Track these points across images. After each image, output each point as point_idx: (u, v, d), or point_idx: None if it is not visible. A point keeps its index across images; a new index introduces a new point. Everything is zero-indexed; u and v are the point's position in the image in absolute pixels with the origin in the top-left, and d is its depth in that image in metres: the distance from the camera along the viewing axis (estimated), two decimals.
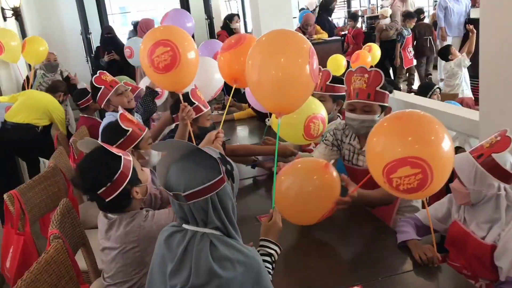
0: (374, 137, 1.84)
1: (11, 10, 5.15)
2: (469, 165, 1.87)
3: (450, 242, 2.04)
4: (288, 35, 2.03)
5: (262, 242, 1.72)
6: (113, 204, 1.83)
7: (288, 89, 1.95)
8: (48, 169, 3.05)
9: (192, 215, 1.43)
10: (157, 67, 2.47)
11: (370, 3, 10.48)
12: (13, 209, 2.64)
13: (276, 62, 1.93)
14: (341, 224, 2.28)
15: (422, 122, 1.77)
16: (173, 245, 1.47)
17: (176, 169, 1.43)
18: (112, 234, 1.86)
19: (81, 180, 1.81)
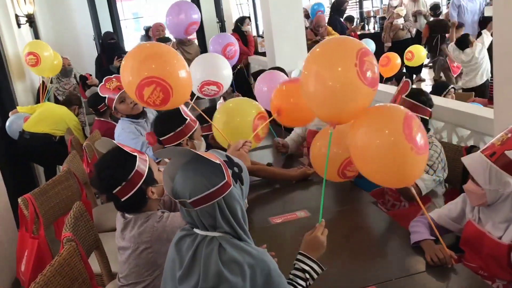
0: None
1: (25, 17, 5.21)
2: (483, 165, 1.83)
3: (465, 243, 2.01)
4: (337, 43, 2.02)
5: (298, 256, 1.66)
6: (129, 204, 1.84)
7: (342, 99, 1.89)
8: (61, 173, 3.07)
9: (200, 220, 1.42)
10: (156, 105, 2.46)
11: (382, 4, 10.42)
12: (27, 213, 2.66)
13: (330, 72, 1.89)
14: (353, 225, 2.27)
15: None
16: (183, 249, 1.47)
17: (181, 176, 1.43)
18: (126, 234, 1.87)
19: (98, 179, 1.82)
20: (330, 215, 2.38)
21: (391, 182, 1.99)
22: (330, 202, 2.58)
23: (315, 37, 7.54)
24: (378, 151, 1.82)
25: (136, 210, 1.88)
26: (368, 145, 1.85)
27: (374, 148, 1.83)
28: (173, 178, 1.46)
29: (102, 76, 5.97)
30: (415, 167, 1.84)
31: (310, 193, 2.70)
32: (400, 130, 1.78)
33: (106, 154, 1.88)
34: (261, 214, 2.42)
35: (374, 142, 1.84)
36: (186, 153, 1.45)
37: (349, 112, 1.92)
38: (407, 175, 1.85)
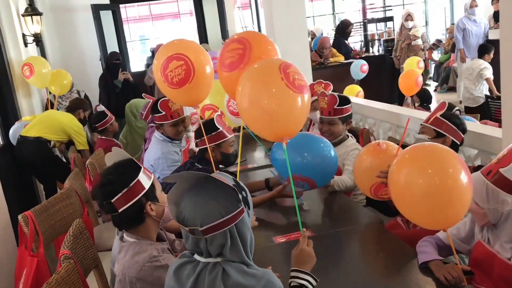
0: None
1: (32, 36, 5.25)
2: (480, 184, 1.79)
3: (475, 264, 1.94)
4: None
5: (292, 273, 1.62)
6: (125, 217, 1.76)
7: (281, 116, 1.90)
8: (63, 191, 3.04)
9: (206, 248, 1.36)
10: (171, 82, 2.44)
11: (386, 27, 10.48)
12: (27, 230, 2.63)
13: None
14: (360, 244, 2.22)
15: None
16: (182, 277, 1.40)
17: (191, 202, 1.35)
18: (120, 259, 1.79)
19: (99, 186, 1.77)
20: (337, 235, 2.34)
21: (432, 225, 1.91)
22: (336, 221, 2.55)
23: (320, 59, 7.58)
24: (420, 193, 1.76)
25: (132, 225, 1.80)
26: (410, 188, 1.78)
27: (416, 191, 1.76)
28: (178, 204, 1.38)
29: (107, 92, 6.03)
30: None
31: (314, 212, 2.65)
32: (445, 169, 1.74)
33: (110, 165, 1.84)
34: (265, 233, 2.37)
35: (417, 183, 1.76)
36: (196, 176, 1.37)
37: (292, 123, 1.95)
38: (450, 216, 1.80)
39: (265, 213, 2.68)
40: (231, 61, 2.24)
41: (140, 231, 1.82)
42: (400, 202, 1.85)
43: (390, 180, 1.83)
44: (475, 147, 2.75)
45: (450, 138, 2.47)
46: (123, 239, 1.84)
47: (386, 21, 10.61)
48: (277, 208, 2.78)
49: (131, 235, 1.82)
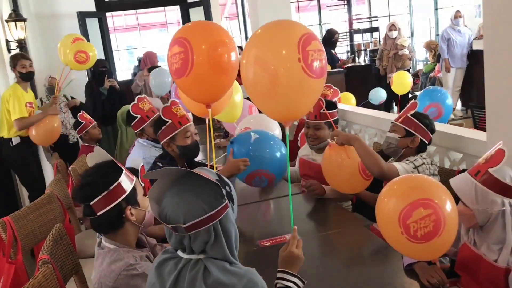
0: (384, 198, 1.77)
1: (16, 42, 5.19)
2: (468, 185, 1.78)
3: (461, 266, 1.92)
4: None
5: (279, 274, 1.59)
6: (104, 221, 1.69)
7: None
8: (43, 196, 2.97)
9: (190, 244, 1.32)
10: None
11: (372, 37, 10.58)
12: (5, 236, 2.55)
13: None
14: (346, 247, 2.20)
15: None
16: (164, 274, 1.36)
17: (173, 198, 1.31)
18: (96, 267, 1.73)
19: (79, 187, 1.71)
20: (323, 238, 2.34)
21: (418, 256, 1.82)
22: (323, 225, 2.56)
23: None
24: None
25: (111, 230, 1.73)
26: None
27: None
28: (160, 201, 1.34)
29: (93, 100, 5.96)
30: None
31: (299, 216, 2.63)
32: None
33: (91, 167, 1.77)
34: (250, 236, 2.34)
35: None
36: (177, 173, 1.34)
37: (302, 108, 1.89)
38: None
39: (249, 216, 2.65)
40: (176, 68, 2.18)
41: (119, 236, 1.75)
42: (385, 230, 1.79)
43: (378, 210, 1.78)
44: (460, 151, 2.75)
45: (419, 137, 2.51)
46: (101, 245, 1.77)
47: (372, 32, 10.71)
48: (262, 211, 2.78)
49: (109, 241, 1.75)
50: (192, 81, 2.19)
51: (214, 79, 2.20)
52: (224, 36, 2.26)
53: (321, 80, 1.80)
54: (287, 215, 2.60)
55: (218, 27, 2.36)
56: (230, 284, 1.28)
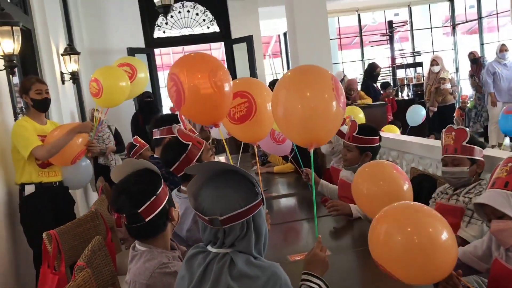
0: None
1: (69, 74, 5.53)
2: (504, 198, 1.74)
3: (493, 283, 1.87)
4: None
5: (303, 276, 1.62)
6: (150, 226, 1.74)
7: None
8: (87, 213, 3.11)
9: (223, 239, 1.39)
10: (233, 118, 2.58)
11: (416, 72, 10.54)
12: (50, 248, 2.69)
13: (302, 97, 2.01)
14: (363, 252, 2.19)
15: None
16: (193, 267, 1.43)
17: (211, 192, 1.39)
18: (132, 267, 1.79)
19: (124, 197, 1.72)
20: (354, 254, 2.35)
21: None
22: (355, 241, 2.58)
23: (347, 101, 7.64)
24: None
25: (156, 233, 1.78)
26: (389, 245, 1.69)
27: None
28: (198, 195, 1.42)
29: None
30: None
31: (333, 233, 2.66)
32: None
33: (132, 173, 1.80)
34: (280, 251, 2.37)
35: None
36: (217, 168, 1.43)
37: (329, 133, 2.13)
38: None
39: (283, 234, 2.69)
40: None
41: (159, 239, 1.80)
42: (380, 258, 1.75)
43: (371, 236, 1.76)
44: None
45: (482, 160, 2.48)
46: (135, 248, 1.84)
47: (415, 67, 10.67)
48: (295, 227, 2.82)
49: (144, 244, 1.81)
50: (188, 108, 2.43)
51: (208, 102, 2.40)
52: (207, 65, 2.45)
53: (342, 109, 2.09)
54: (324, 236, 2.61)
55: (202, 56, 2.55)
56: (254, 276, 1.33)
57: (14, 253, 3.39)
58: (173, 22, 8.33)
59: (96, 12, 7.54)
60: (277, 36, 13.87)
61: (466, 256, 1.98)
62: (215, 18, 8.51)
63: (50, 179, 3.48)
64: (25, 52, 4.51)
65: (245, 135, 2.74)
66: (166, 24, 8.27)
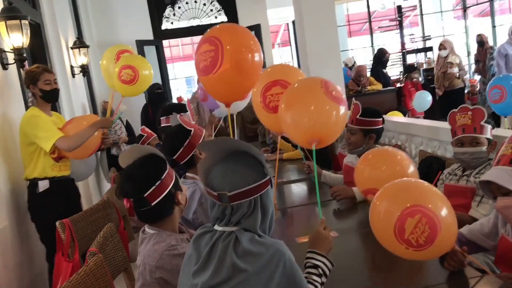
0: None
1: (79, 67, 5.59)
2: (509, 174, 1.75)
3: (500, 260, 1.88)
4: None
5: (308, 254, 1.65)
6: (157, 210, 1.78)
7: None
8: (100, 202, 3.16)
9: (230, 216, 1.42)
10: (268, 106, 2.46)
11: (426, 57, 10.43)
12: (64, 236, 2.74)
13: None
14: (369, 232, 2.21)
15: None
16: (201, 246, 1.47)
17: (221, 169, 1.43)
18: (141, 250, 1.83)
19: (131, 181, 1.77)
20: (355, 236, 2.39)
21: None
22: (354, 223, 2.63)
23: (357, 87, 7.61)
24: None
25: (163, 217, 1.82)
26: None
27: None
28: (209, 171, 1.45)
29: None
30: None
31: (340, 216, 2.70)
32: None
33: (137, 159, 1.84)
34: (289, 234, 2.40)
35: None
36: (229, 145, 1.46)
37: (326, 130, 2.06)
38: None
39: (290, 216, 2.74)
40: (204, 65, 2.25)
41: (166, 223, 1.84)
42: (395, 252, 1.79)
43: (371, 214, 1.81)
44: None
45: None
46: (145, 231, 1.88)
47: (425, 51, 10.57)
48: (303, 210, 2.87)
49: (153, 228, 1.85)
50: (217, 79, 2.26)
51: (238, 81, 2.30)
52: (252, 40, 2.36)
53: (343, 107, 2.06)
54: (330, 219, 2.65)
55: (247, 30, 2.45)
56: (258, 252, 1.36)
57: (26, 247, 3.44)
58: (181, 13, 8.34)
59: (104, 5, 7.58)
60: (286, 24, 13.81)
61: (473, 234, 1.99)
62: (222, 8, 8.49)
63: (62, 173, 3.42)
64: (34, 47, 4.56)
65: (277, 125, 2.70)
66: (174, 15, 8.28)
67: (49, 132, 3.18)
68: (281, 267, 1.37)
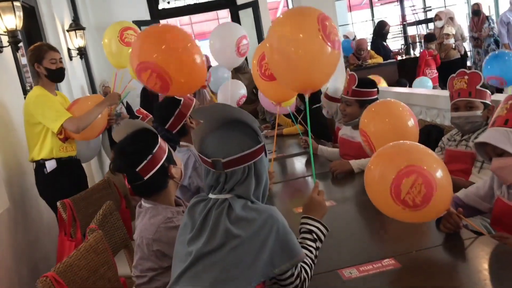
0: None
1: (76, 50, 5.56)
2: (504, 135, 1.74)
3: (496, 221, 1.88)
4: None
5: (302, 220, 1.64)
6: (150, 184, 1.78)
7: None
8: (100, 182, 3.18)
9: (224, 183, 1.42)
10: (264, 74, 2.55)
11: (428, 28, 10.31)
12: (65, 216, 2.75)
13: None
14: (365, 200, 2.22)
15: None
16: (195, 214, 1.47)
17: (215, 136, 1.43)
18: (138, 224, 1.84)
19: (122, 156, 1.78)
20: (352, 204, 2.41)
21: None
22: (352, 192, 2.64)
23: (358, 61, 7.56)
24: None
25: (157, 191, 1.83)
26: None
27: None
28: (204, 138, 1.45)
29: (147, 108, 6.18)
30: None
31: (336, 184, 2.73)
32: None
33: (128, 135, 1.83)
34: (287, 204, 2.41)
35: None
36: (224, 112, 1.45)
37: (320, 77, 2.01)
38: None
39: (289, 188, 2.77)
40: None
41: (162, 196, 1.85)
42: (390, 213, 1.81)
43: (366, 177, 1.83)
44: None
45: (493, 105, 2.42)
46: (141, 206, 1.89)
47: (426, 23, 10.45)
48: (301, 182, 2.90)
49: (149, 201, 1.86)
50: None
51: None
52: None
53: (337, 52, 1.97)
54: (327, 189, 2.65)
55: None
56: (251, 218, 1.36)
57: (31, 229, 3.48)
58: None
59: None
60: (285, 1, 13.65)
61: (469, 197, 1.99)
62: None
63: (68, 154, 3.36)
64: (30, 30, 4.54)
65: (276, 94, 2.69)
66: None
67: (57, 113, 3.12)
68: (274, 232, 1.37)
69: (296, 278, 1.45)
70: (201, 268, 1.38)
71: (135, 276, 1.86)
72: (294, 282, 1.45)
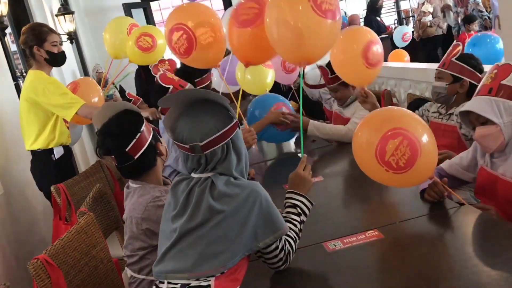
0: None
1: (66, 35, 5.51)
2: (488, 103, 1.75)
3: (479, 190, 1.91)
4: None
5: (287, 195, 1.67)
6: (140, 163, 1.79)
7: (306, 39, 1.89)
8: (92, 165, 3.19)
9: (206, 164, 1.43)
10: (179, 52, 2.52)
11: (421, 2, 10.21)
12: (59, 200, 2.77)
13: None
14: (353, 174, 2.24)
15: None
16: (178, 192, 1.49)
17: (187, 121, 1.42)
18: (127, 204, 1.87)
19: (109, 139, 1.77)
20: (339, 179, 2.43)
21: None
22: (343, 167, 2.65)
23: None
24: None
25: (147, 169, 1.84)
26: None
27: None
28: (175, 127, 1.44)
29: (142, 91, 6.15)
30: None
31: (325, 160, 2.77)
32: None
33: (112, 117, 1.82)
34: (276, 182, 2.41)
35: None
36: (188, 98, 1.45)
37: (315, 49, 1.95)
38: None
39: (279, 166, 2.80)
40: (245, 19, 2.29)
41: (151, 175, 1.86)
42: (372, 174, 1.84)
43: (354, 144, 1.86)
44: None
45: (468, 80, 2.38)
46: (129, 187, 1.91)
47: None
48: (287, 159, 2.97)
49: (137, 182, 1.87)
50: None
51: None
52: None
53: (331, 22, 1.88)
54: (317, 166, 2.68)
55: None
56: (234, 194, 1.39)
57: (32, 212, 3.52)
58: None
59: None
60: None
61: (453, 168, 2.01)
62: None
63: (69, 140, 3.29)
64: (18, 16, 4.50)
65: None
66: None
67: (72, 100, 2.97)
68: (257, 206, 1.39)
69: (281, 251, 1.48)
70: (186, 244, 1.40)
71: (126, 256, 1.90)
72: (279, 255, 1.48)
